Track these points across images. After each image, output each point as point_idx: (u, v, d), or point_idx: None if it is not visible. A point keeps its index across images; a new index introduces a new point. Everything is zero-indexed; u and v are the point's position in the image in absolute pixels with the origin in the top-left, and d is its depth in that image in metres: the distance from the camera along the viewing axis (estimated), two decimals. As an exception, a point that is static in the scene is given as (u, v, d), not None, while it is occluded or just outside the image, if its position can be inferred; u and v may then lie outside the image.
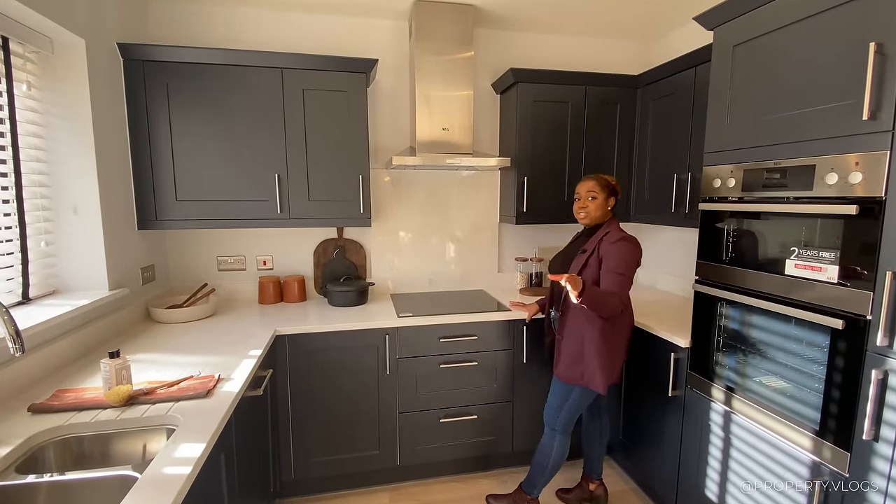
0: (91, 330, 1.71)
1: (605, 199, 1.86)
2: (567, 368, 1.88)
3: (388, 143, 2.57)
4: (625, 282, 1.76)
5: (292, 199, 2.18)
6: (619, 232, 1.83)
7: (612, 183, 1.88)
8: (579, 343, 1.84)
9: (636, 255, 1.79)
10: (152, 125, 2.02)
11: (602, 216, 1.87)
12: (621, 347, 1.88)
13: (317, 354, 2.04)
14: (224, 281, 2.49)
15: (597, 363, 1.80)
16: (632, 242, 1.80)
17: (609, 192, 1.86)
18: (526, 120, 2.38)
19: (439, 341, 2.14)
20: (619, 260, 1.76)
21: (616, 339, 1.84)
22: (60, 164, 1.73)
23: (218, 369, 1.51)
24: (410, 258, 2.68)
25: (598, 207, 1.86)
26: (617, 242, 1.79)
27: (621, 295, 1.74)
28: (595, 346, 1.81)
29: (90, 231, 1.79)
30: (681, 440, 1.90)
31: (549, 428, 1.95)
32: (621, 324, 1.86)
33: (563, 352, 1.90)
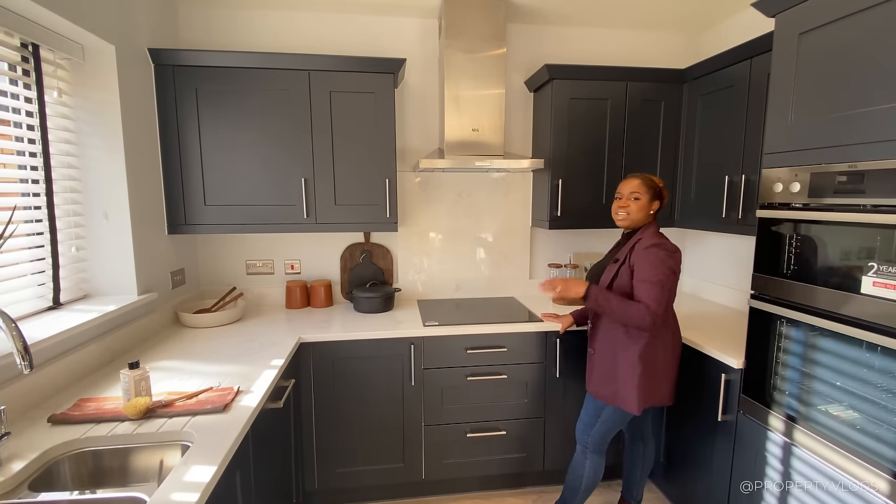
0: (119, 335, 1.71)
1: (649, 202, 1.70)
2: (599, 385, 1.76)
3: (415, 144, 2.49)
4: (657, 291, 1.59)
5: (319, 203, 2.14)
6: (654, 237, 1.68)
7: (658, 185, 1.73)
8: (611, 358, 1.72)
9: (671, 262, 1.63)
10: (182, 130, 2.02)
11: (642, 220, 1.72)
12: (667, 366, 1.72)
13: (341, 363, 1.99)
14: (252, 285, 2.48)
15: (633, 382, 1.66)
16: (665, 248, 1.64)
17: (654, 194, 1.71)
18: (561, 119, 2.25)
19: (466, 352, 2.04)
20: (651, 267, 1.61)
21: (659, 356, 1.69)
22: (92, 169, 1.75)
23: (238, 380, 1.47)
24: (438, 263, 2.59)
25: (640, 209, 1.70)
26: (649, 248, 1.63)
27: (652, 306, 1.58)
28: (630, 363, 1.67)
29: (120, 236, 1.80)
30: (731, 470, 1.72)
31: (580, 445, 1.83)
32: (665, 339, 1.70)
33: (595, 367, 1.78)
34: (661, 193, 1.73)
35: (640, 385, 1.65)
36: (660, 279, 1.59)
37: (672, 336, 1.74)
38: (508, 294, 2.64)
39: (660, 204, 1.73)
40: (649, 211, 1.71)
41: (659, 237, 1.68)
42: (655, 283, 1.59)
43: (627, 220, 1.73)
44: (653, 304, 1.58)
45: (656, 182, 1.73)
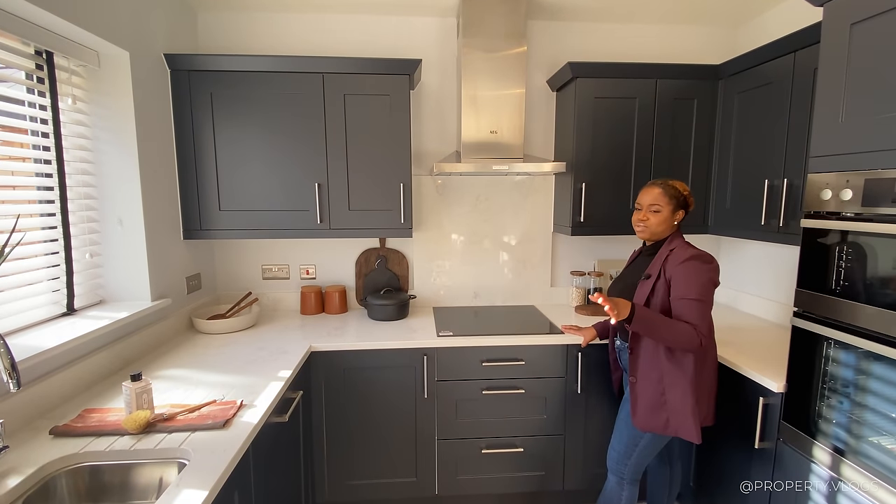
0: (130, 342, 1.71)
1: (671, 213, 1.57)
2: (647, 417, 1.58)
3: (432, 147, 2.42)
4: (701, 309, 1.48)
5: (332, 208, 2.09)
6: (687, 248, 1.55)
7: (682, 193, 1.59)
8: (657, 385, 1.56)
9: (711, 274, 1.51)
10: (197, 135, 2.01)
11: (664, 232, 1.60)
12: (711, 384, 1.61)
13: (352, 373, 1.94)
14: (268, 290, 2.47)
15: (688, 409, 1.52)
16: (704, 260, 1.51)
17: (677, 204, 1.58)
18: (585, 119, 2.13)
19: (482, 365, 1.96)
20: (691, 283, 1.48)
21: (706, 377, 1.58)
22: (106, 176, 1.75)
23: (243, 392, 1.44)
24: (455, 269, 2.51)
25: (662, 222, 1.58)
26: (686, 262, 1.50)
27: (699, 326, 1.46)
28: (680, 389, 1.53)
29: (134, 242, 1.80)
30: (769, 503, 1.58)
31: (615, 476, 1.70)
32: (709, 356, 1.59)
33: (640, 396, 1.59)
34: (685, 202, 1.59)
35: (695, 411, 1.52)
36: (702, 294, 1.47)
37: (713, 352, 1.63)
38: (528, 302, 2.53)
39: (685, 213, 1.60)
40: (672, 222, 1.59)
41: (693, 248, 1.55)
42: (698, 301, 1.47)
43: (647, 233, 1.62)
44: (699, 322, 1.46)
45: (679, 190, 1.59)
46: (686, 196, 1.60)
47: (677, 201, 1.58)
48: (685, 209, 1.60)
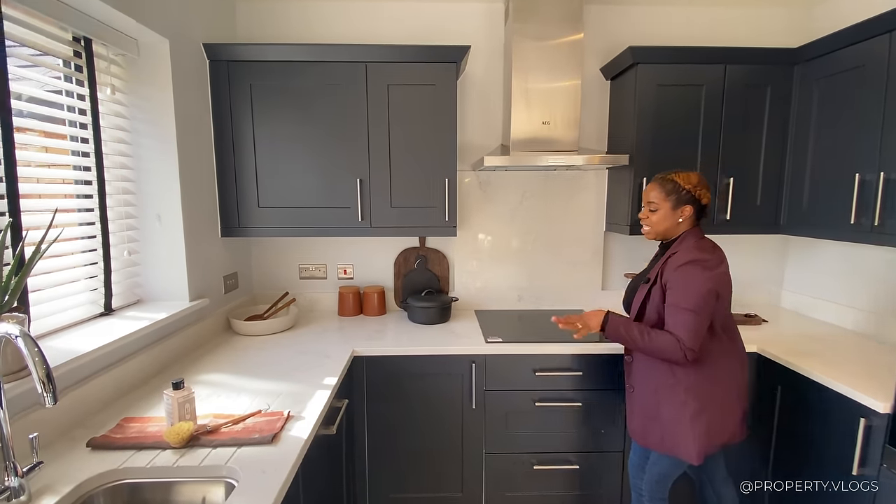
0: (169, 344, 1.63)
1: (672, 211, 1.44)
2: (642, 428, 1.50)
3: (475, 141, 2.29)
4: (689, 321, 1.33)
5: (374, 205, 1.98)
6: (691, 251, 1.39)
7: (684, 187, 1.43)
8: (652, 396, 1.45)
9: (711, 284, 1.35)
10: (236, 128, 1.93)
11: (671, 230, 1.46)
12: (731, 397, 1.42)
13: (396, 380, 1.82)
14: (305, 290, 2.37)
15: (684, 425, 1.39)
16: (705, 266, 1.36)
17: (678, 199, 1.43)
18: (647, 109, 1.97)
19: (535, 375, 1.81)
20: (683, 290, 1.35)
21: (719, 390, 1.40)
22: (145, 170, 1.68)
23: (289, 401, 1.33)
24: (498, 270, 2.37)
25: (662, 220, 1.45)
26: (682, 267, 1.36)
27: (684, 338, 1.32)
28: (676, 402, 1.40)
29: (172, 240, 1.72)
30: (871, 538, 1.39)
31: (634, 491, 1.59)
32: (722, 366, 1.41)
33: (636, 408, 1.52)
34: (692, 196, 1.43)
35: (696, 427, 1.38)
36: (695, 305, 1.33)
37: (733, 361, 1.44)
38: (577, 306, 2.37)
39: (693, 208, 1.43)
40: (677, 220, 1.44)
41: (698, 250, 1.39)
42: (688, 311, 1.33)
43: (651, 234, 1.50)
44: (684, 335, 1.33)
45: (680, 183, 1.43)
46: (691, 189, 1.43)
47: (678, 196, 1.43)
48: (694, 204, 1.43)
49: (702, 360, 1.38)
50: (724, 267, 1.40)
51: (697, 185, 1.43)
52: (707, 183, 1.46)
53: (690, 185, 1.43)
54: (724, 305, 1.42)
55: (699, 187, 1.43)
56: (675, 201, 1.43)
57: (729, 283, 1.42)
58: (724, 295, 1.40)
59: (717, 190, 2.03)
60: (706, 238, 1.46)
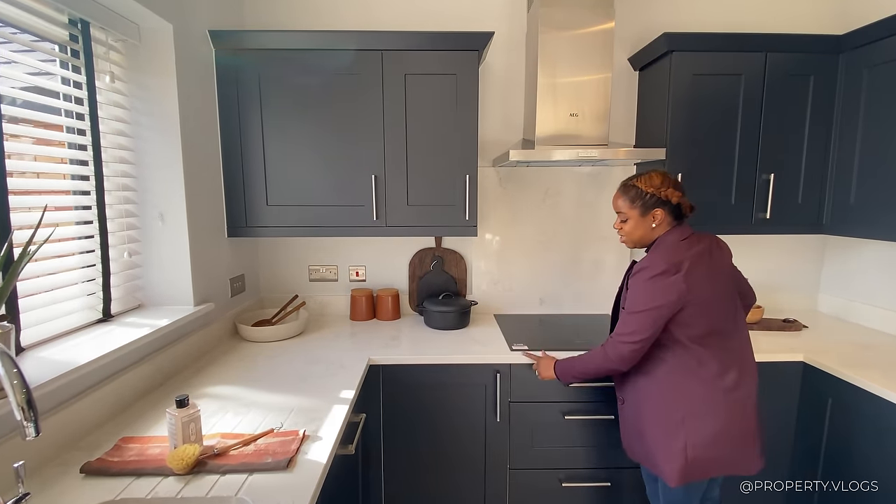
0: (171, 352, 1.51)
1: (641, 217, 1.34)
2: (631, 442, 1.44)
3: (495, 135, 2.16)
4: (627, 322, 1.29)
5: (390, 203, 1.86)
6: (650, 258, 1.30)
7: (646, 191, 1.32)
8: (637, 408, 1.38)
9: (655, 289, 1.25)
10: (243, 121, 1.81)
11: (646, 237, 1.37)
12: (713, 421, 1.25)
13: (414, 390, 1.70)
14: (315, 292, 2.26)
15: (661, 441, 1.30)
16: (651, 270, 1.26)
17: (644, 204, 1.33)
18: (681, 100, 1.84)
19: (564, 386, 1.69)
20: (631, 296, 1.31)
21: (692, 408, 1.26)
22: (147, 165, 1.56)
23: (303, 418, 1.21)
24: (519, 272, 2.25)
25: (634, 229, 1.37)
26: (637, 274, 1.30)
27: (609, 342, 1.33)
28: (652, 415, 1.33)
29: (176, 240, 1.60)
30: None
31: None
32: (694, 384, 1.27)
33: (624, 421, 1.46)
34: (657, 199, 1.32)
35: (673, 443, 1.27)
36: (639, 309, 1.26)
37: (719, 375, 1.27)
38: (603, 311, 2.25)
39: (665, 210, 1.32)
40: (650, 226, 1.34)
41: (658, 256, 1.28)
42: (630, 314, 1.29)
43: (628, 243, 1.42)
44: (615, 337, 1.32)
45: (641, 188, 1.33)
46: (655, 192, 1.31)
47: (643, 202, 1.33)
48: (664, 206, 1.32)
49: (672, 372, 1.29)
50: (671, 273, 1.23)
51: (661, 185, 1.32)
52: (674, 180, 1.35)
53: (653, 188, 1.32)
54: (693, 314, 1.24)
55: (663, 188, 1.32)
56: (642, 207, 1.34)
57: (698, 290, 1.24)
58: (689, 303, 1.23)
59: (756, 187, 1.90)
60: (687, 239, 1.31)
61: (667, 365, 1.29)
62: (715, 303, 1.27)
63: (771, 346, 1.77)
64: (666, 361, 1.29)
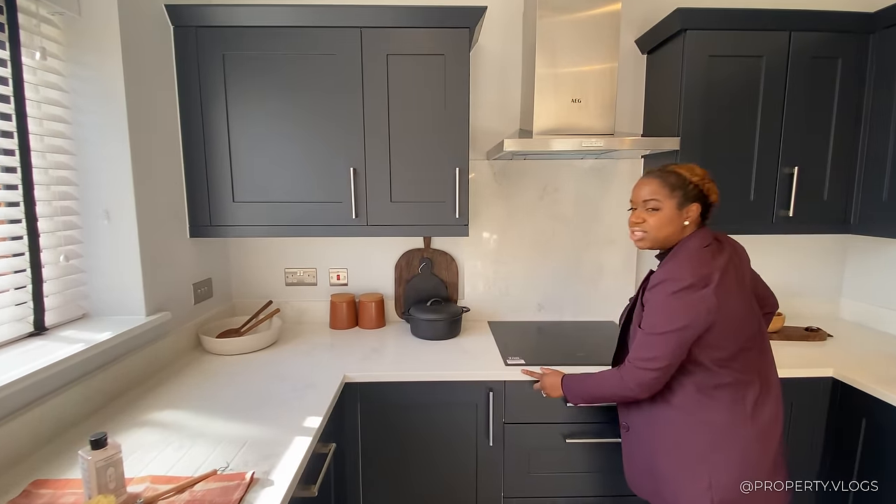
0: (116, 370, 1.32)
1: (677, 210, 1.13)
2: (636, 478, 1.25)
3: (488, 125, 1.97)
4: (649, 346, 1.08)
5: (371, 200, 1.67)
6: (670, 268, 1.09)
7: (691, 181, 1.13)
8: (647, 440, 1.18)
9: (680, 306, 1.05)
10: (206, 107, 1.62)
11: (671, 237, 1.15)
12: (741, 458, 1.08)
13: (396, 412, 1.52)
14: (292, 297, 2.07)
15: (676, 481, 1.11)
16: (680, 283, 1.05)
17: (684, 196, 1.13)
18: (695, 84, 1.65)
19: (566, 405, 1.50)
20: (652, 314, 1.09)
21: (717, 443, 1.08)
22: (90, 156, 1.37)
23: (256, 454, 1.02)
24: (515, 275, 2.06)
25: (664, 224, 1.14)
26: (659, 286, 1.08)
27: (628, 367, 1.12)
28: (667, 447, 1.13)
29: (124, 241, 1.41)
30: None
31: None
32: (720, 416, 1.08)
33: (633, 450, 1.26)
34: (699, 192, 1.13)
35: (693, 483, 1.08)
36: (661, 331, 1.06)
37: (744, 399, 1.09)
38: (607, 318, 2.06)
39: (701, 207, 1.14)
40: (682, 222, 1.13)
41: (681, 265, 1.08)
42: (650, 336, 1.08)
43: (647, 241, 1.18)
44: (633, 361, 1.11)
45: (686, 176, 1.13)
46: (699, 182, 1.13)
47: (684, 192, 1.13)
48: (701, 201, 1.13)
49: (691, 398, 1.10)
50: (706, 286, 1.04)
51: (705, 177, 1.14)
52: (710, 176, 1.16)
53: (697, 178, 1.13)
54: (721, 334, 1.06)
55: (706, 181, 1.14)
56: (682, 198, 1.12)
57: (729, 306, 1.06)
58: (718, 321, 1.04)
59: (778, 182, 1.71)
60: (714, 244, 1.13)
61: (685, 390, 1.11)
62: (742, 319, 1.09)
63: (795, 359, 1.58)
64: (684, 386, 1.11)
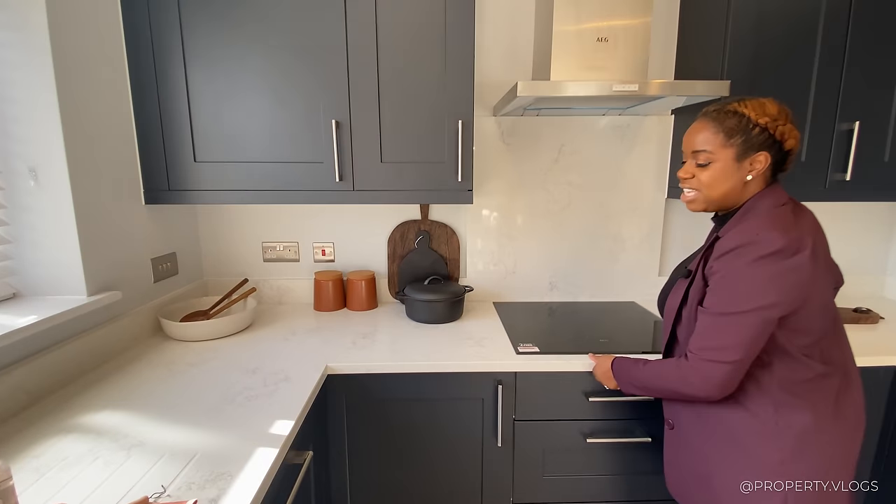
0: (45, 363, 1.09)
1: (736, 162, 0.88)
2: (680, 485, 1.02)
3: (496, 76, 1.70)
4: (733, 326, 0.82)
5: (358, 160, 1.42)
6: (753, 229, 0.83)
7: (756, 122, 0.86)
8: (699, 441, 0.95)
9: (768, 276, 0.80)
10: (159, 46, 1.34)
11: (730, 195, 0.91)
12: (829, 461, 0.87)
13: (388, 407, 1.30)
14: (270, 275, 1.83)
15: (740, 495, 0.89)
16: (769, 247, 0.80)
17: (747, 142, 0.87)
18: (745, 19, 1.38)
19: (587, 401, 1.28)
20: (729, 287, 0.82)
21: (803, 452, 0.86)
22: (7, 100, 1.11)
23: (205, 472, 0.80)
24: (524, 250, 1.82)
25: (719, 179, 0.90)
26: (734, 252, 0.82)
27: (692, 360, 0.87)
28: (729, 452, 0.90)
29: (56, 207, 1.16)
30: None
31: None
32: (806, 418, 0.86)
33: (674, 451, 1.04)
34: (770, 137, 0.86)
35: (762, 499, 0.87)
36: (739, 309, 0.81)
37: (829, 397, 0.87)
38: (627, 298, 1.83)
39: (769, 158, 0.87)
40: (744, 177, 0.88)
41: (765, 226, 0.82)
42: (722, 317, 0.83)
43: (699, 202, 0.94)
44: (699, 352, 0.86)
45: (749, 116, 0.86)
46: (766, 126, 0.86)
47: (746, 137, 0.86)
48: (771, 149, 0.87)
49: (767, 393, 0.87)
50: (804, 256, 0.80)
51: (778, 117, 0.86)
52: (791, 114, 0.88)
53: (767, 119, 0.86)
54: (810, 316, 0.83)
55: (780, 121, 0.86)
56: (743, 145, 0.87)
57: (821, 279, 0.84)
58: (810, 298, 0.82)
59: (834, 140, 1.46)
60: (790, 203, 0.89)
61: (758, 384, 0.88)
62: (830, 296, 0.85)
63: (851, 345, 1.36)
64: (757, 379, 0.88)
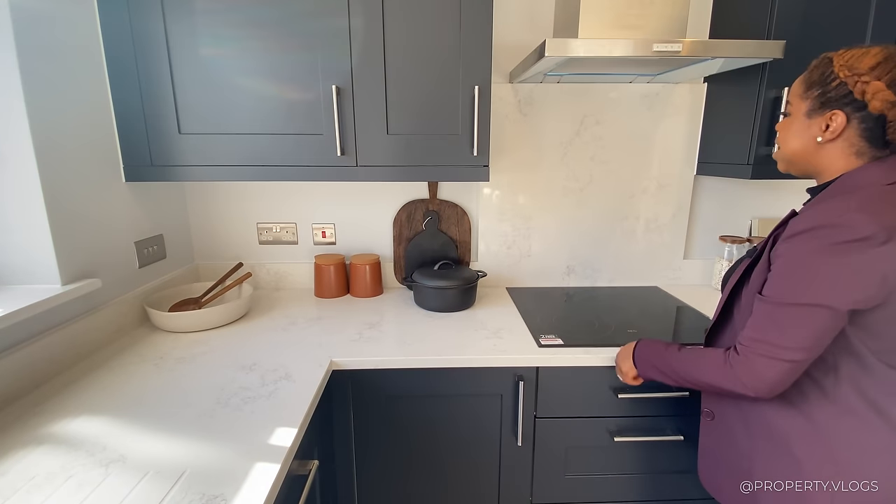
0: (13, 362, 0.97)
1: (805, 119, 0.78)
2: (717, 481, 0.94)
3: (514, 38, 1.54)
4: (796, 318, 0.72)
5: (361, 132, 1.27)
6: (835, 209, 0.69)
7: (837, 74, 0.73)
8: (743, 436, 0.86)
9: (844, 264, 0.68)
10: (136, 4, 1.18)
11: (800, 156, 0.80)
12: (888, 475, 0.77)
13: (398, 404, 1.19)
14: (267, 259, 1.70)
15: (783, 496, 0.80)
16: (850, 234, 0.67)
17: (824, 95, 0.74)
18: (802, -30, 1.22)
19: (616, 397, 1.17)
20: (793, 274, 0.72)
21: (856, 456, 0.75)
22: (-46, 60, 0.95)
23: (198, 490, 0.69)
24: (541, 232, 1.69)
25: (787, 136, 0.81)
26: (805, 234, 0.70)
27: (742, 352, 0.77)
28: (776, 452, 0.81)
29: (22, 188, 1.02)
30: None
31: None
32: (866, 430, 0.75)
33: (712, 444, 0.95)
34: (848, 93, 0.72)
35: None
36: (805, 301, 0.71)
37: None
38: (649, 282, 1.71)
39: (851, 118, 0.73)
40: (814, 136, 0.76)
41: (851, 207, 0.68)
42: (783, 307, 0.73)
43: (780, 161, 0.86)
44: (752, 345, 0.75)
45: (835, 68, 0.73)
46: (847, 77, 0.71)
47: (822, 90, 0.74)
48: (851, 107, 0.72)
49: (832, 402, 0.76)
50: (891, 247, 0.66)
51: (869, 70, 0.70)
52: None
53: (850, 72, 0.71)
54: (892, 318, 0.71)
55: (869, 75, 0.70)
56: (817, 99, 0.75)
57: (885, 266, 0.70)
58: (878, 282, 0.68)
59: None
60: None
61: (821, 389, 0.77)
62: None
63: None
64: (818, 382, 0.76)
